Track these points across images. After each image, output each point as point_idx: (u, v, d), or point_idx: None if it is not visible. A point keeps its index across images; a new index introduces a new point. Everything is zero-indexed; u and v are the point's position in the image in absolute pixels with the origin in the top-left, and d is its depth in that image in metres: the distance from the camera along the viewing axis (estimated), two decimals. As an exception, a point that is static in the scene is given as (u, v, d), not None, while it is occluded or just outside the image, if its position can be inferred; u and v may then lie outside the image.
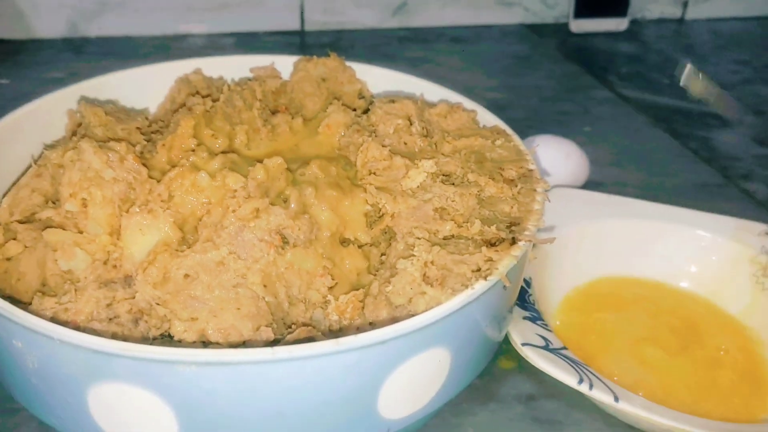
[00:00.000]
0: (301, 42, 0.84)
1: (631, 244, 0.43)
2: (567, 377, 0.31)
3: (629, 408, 0.31)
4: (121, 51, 0.77)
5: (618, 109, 0.71)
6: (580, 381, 0.31)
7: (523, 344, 0.32)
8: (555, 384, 0.39)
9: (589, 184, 0.54)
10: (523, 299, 0.35)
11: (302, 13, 0.84)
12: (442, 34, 0.88)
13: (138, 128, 0.35)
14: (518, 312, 0.35)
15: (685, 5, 0.96)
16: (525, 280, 0.37)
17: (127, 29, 0.79)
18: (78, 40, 0.78)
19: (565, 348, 0.33)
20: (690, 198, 0.57)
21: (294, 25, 0.84)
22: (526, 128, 0.67)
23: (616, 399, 0.31)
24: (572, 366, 0.32)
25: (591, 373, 0.32)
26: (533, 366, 0.40)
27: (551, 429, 0.37)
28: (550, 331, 0.34)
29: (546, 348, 0.32)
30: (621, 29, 0.90)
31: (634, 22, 0.93)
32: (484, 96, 0.73)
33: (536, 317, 0.34)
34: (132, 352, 0.23)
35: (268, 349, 0.23)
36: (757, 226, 0.43)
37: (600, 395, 0.31)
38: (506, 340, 0.35)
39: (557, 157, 0.53)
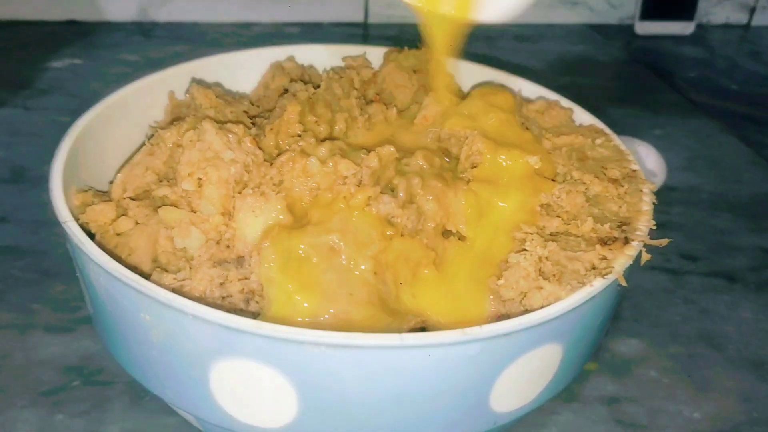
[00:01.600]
0: (364, 34, 0.84)
1: None
2: None
3: None
4: (189, 37, 0.78)
5: (688, 114, 0.70)
6: None
7: None
8: (638, 386, 0.39)
9: (662, 189, 0.54)
10: None
11: (366, 6, 0.84)
12: (505, 32, 0.87)
13: (245, 112, 0.35)
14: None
15: (752, 11, 0.94)
16: None
17: (194, 15, 0.80)
18: (147, 24, 0.79)
19: None
20: (765, 206, 0.56)
21: (358, 17, 0.85)
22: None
23: None
24: None
25: None
26: (615, 368, 0.40)
27: (636, 432, 0.37)
28: None
29: None
30: (687, 33, 0.89)
31: (699, 27, 0.91)
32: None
33: None
34: (264, 331, 0.23)
35: (397, 336, 0.23)
36: None
37: None
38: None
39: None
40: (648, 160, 0.53)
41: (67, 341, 0.39)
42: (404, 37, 0.84)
